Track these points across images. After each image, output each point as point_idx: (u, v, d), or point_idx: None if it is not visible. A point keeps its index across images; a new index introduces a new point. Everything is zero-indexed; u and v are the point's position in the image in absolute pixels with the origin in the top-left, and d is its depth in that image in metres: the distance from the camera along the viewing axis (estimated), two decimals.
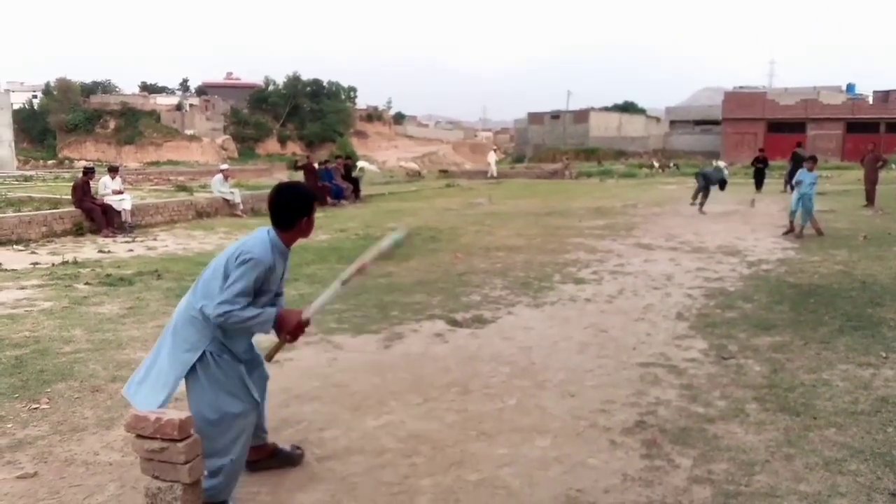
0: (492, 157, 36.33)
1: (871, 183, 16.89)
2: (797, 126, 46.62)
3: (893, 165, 34.06)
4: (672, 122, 58.96)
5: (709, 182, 16.39)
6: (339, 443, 3.76)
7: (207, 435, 2.82)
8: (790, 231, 11.82)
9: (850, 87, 57.49)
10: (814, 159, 12.77)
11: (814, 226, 11.75)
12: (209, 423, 2.88)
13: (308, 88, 73.39)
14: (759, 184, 21.52)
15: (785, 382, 4.57)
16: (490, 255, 9.93)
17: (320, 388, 4.59)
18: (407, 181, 30.92)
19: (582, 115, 59.39)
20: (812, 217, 11.79)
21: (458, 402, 4.34)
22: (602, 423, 3.97)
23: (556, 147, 53.53)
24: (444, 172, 37.95)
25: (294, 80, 72.60)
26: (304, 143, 69.25)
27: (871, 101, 48.85)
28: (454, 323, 6.23)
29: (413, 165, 43.72)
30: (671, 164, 39.82)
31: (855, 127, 44.66)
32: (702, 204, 16.24)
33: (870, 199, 16.71)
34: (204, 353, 2.91)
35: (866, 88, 54.73)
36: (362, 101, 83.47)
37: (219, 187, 16.62)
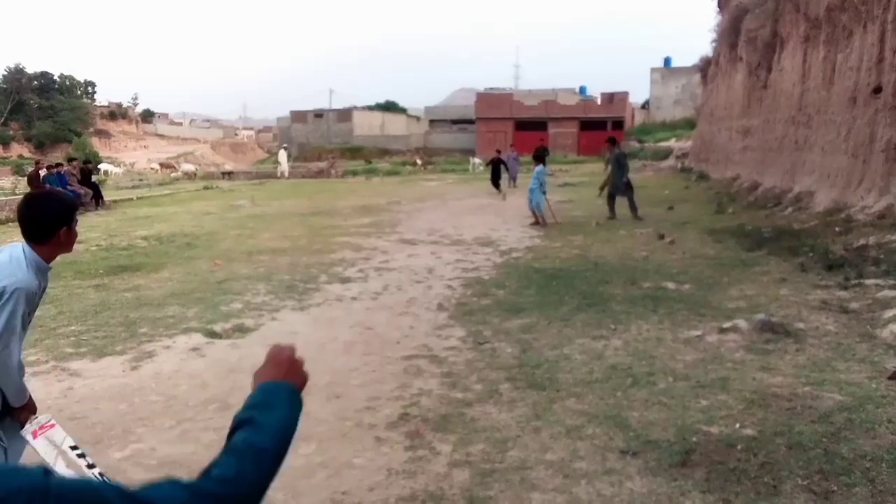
0: (283, 156, 34.69)
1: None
2: (540, 124, 51.38)
3: None
4: (431, 122, 61.67)
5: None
6: None
7: None
8: (536, 222, 12.97)
9: (583, 89, 64.82)
10: (538, 157, 14.09)
11: (535, 216, 13.00)
12: None
13: (35, 82, 65.04)
14: (495, 181, 20.58)
15: (532, 361, 4.97)
16: (252, 260, 9.56)
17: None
18: (158, 184, 28.69)
19: (345, 115, 59.78)
20: (536, 209, 13.03)
21: (216, 419, 4.09)
22: (367, 421, 4.01)
23: (320, 146, 53.34)
24: (229, 174, 35.40)
25: (16, 73, 63.83)
26: (33, 145, 61.29)
27: (599, 102, 55.39)
28: (212, 334, 5.89)
29: (189, 167, 40.64)
30: (432, 162, 41.67)
31: (588, 125, 50.32)
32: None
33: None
34: None
35: (595, 90, 61.83)
36: (103, 98, 75.98)
37: None
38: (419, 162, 41.11)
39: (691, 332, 5.52)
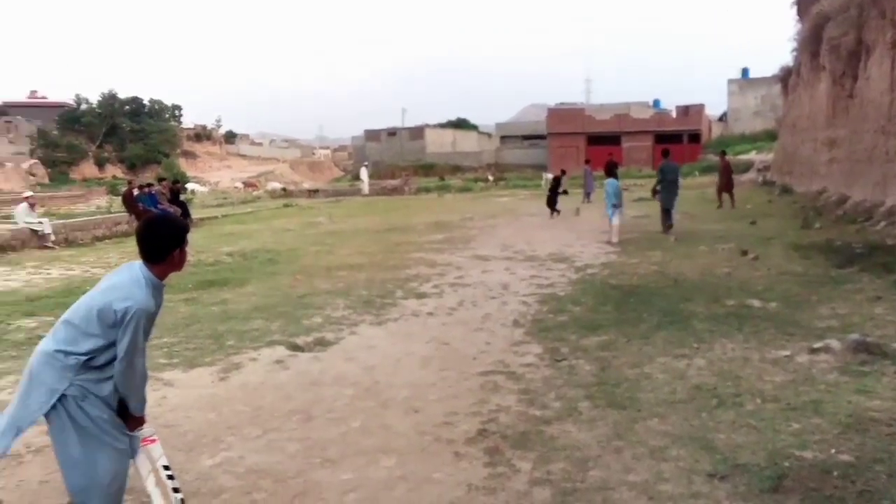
0: (364, 174, 35.43)
1: (726, 187, 18.72)
2: (613, 139, 50.64)
3: (696, 173, 37.98)
4: (503, 138, 61.75)
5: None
6: None
7: (79, 487, 2.69)
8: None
9: (657, 103, 63.62)
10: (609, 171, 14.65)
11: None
12: (80, 474, 2.69)
13: (127, 107, 68.77)
14: (552, 201, 18.82)
15: (612, 379, 4.88)
16: (331, 275, 9.79)
17: None
18: (242, 202, 29.75)
19: (418, 132, 60.56)
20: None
21: (300, 430, 4.20)
22: (446, 436, 4.01)
23: (394, 163, 54.11)
24: (314, 192, 36.37)
25: (110, 99, 67.69)
26: (125, 166, 64.70)
27: (674, 115, 54.16)
28: (295, 348, 6.04)
29: (276, 185, 42.14)
30: (504, 178, 41.66)
31: (662, 138, 49.19)
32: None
33: (729, 199, 18.50)
34: (63, 396, 2.66)
35: (670, 104, 60.60)
36: (189, 121, 79.57)
37: (24, 217, 15.04)
38: (491, 178, 41.16)
39: (780, 351, 5.30)
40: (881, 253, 9.01)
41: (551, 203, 18.60)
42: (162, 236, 2.82)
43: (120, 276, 2.81)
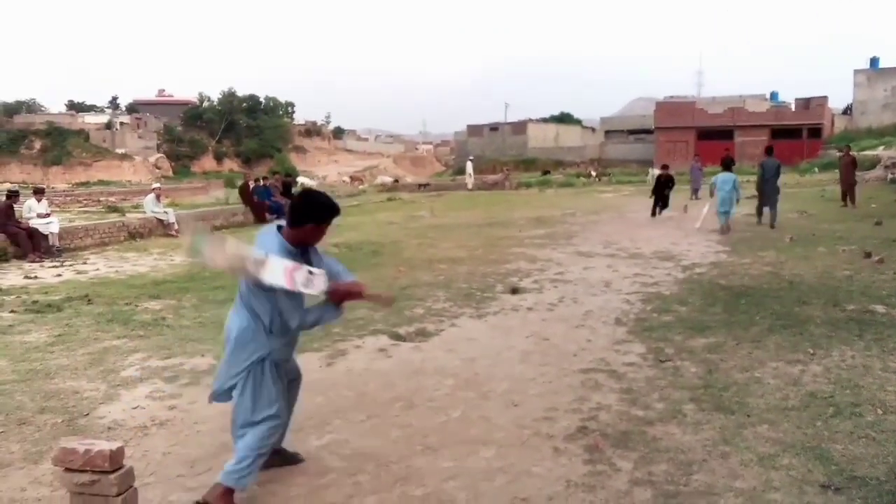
0: (469, 168, 35.43)
1: (847, 184, 17.71)
2: (725, 133, 48.46)
3: (816, 170, 35.74)
4: (607, 132, 60.41)
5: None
6: (284, 466, 3.68)
7: (245, 428, 3.20)
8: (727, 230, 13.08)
9: (774, 95, 60.23)
10: (726, 166, 14.42)
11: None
12: (248, 423, 3.19)
13: (244, 104, 72.41)
14: (660, 202, 17.85)
15: (719, 382, 4.71)
16: (433, 268, 9.94)
17: None
18: (348, 195, 30.68)
19: (520, 127, 60.34)
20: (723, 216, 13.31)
21: (402, 417, 4.32)
22: (545, 431, 4.01)
23: (495, 158, 54.17)
24: (425, 186, 36.83)
25: (229, 96, 71.49)
26: (241, 160, 68.14)
27: (793, 108, 51.17)
28: (397, 337, 6.20)
29: (387, 178, 43.33)
30: (607, 173, 40.78)
31: (779, 133, 46.61)
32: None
33: (848, 198, 17.49)
34: (261, 359, 3.18)
35: (788, 96, 57.31)
36: (300, 117, 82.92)
37: (152, 207, 16.18)
38: (594, 173, 40.40)
39: None
40: None
41: (658, 201, 17.47)
42: (304, 205, 3.15)
43: (261, 234, 3.27)
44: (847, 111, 54.44)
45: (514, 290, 8.13)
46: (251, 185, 19.66)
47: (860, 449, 3.58)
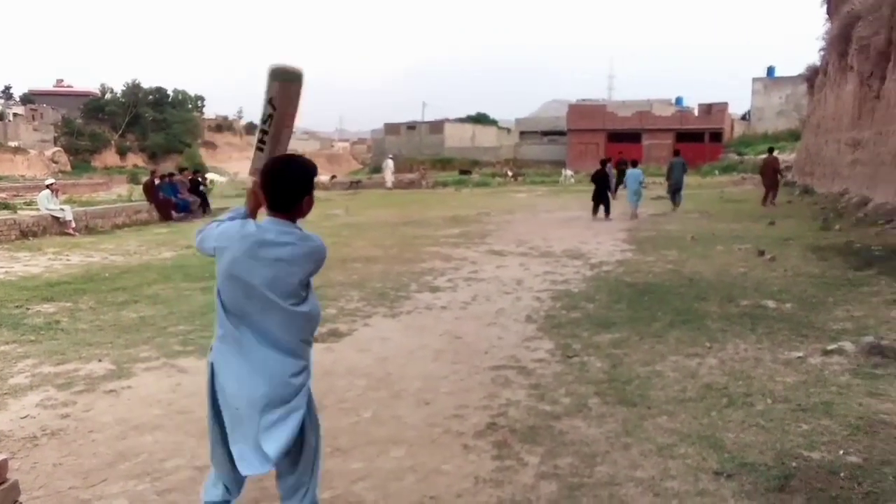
0: (389, 165, 34.80)
1: (769, 185, 19.27)
2: (634, 136, 50.41)
3: (717, 172, 37.67)
4: (522, 133, 61.58)
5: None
6: (184, 473, 3.56)
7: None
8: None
9: (679, 100, 63.15)
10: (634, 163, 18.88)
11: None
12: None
13: (150, 97, 69.48)
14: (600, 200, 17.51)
15: (623, 376, 4.89)
16: (346, 267, 9.84)
17: (162, 416, 4.33)
18: None
19: (437, 126, 60.68)
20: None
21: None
22: (456, 429, 4.05)
23: (412, 157, 54.23)
24: (357, 183, 35.82)
25: (134, 88, 68.41)
26: (146, 155, 65.42)
27: (696, 113, 53.72)
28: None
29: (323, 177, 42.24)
30: (522, 174, 41.56)
31: (684, 136, 48.83)
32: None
33: (769, 197, 18.94)
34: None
35: (692, 101, 60.13)
36: (211, 111, 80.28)
37: (46, 204, 15.27)
38: (509, 173, 41.08)
39: (792, 353, 5.28)
40: None
41: (600, 201, 17.02)
42: (292, 180, 2.47)
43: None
44: (745, 117, 57.65)
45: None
46: (157, 181, 18.89)
47: (750, 437, 3.80)
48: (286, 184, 2.47)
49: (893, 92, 14.64)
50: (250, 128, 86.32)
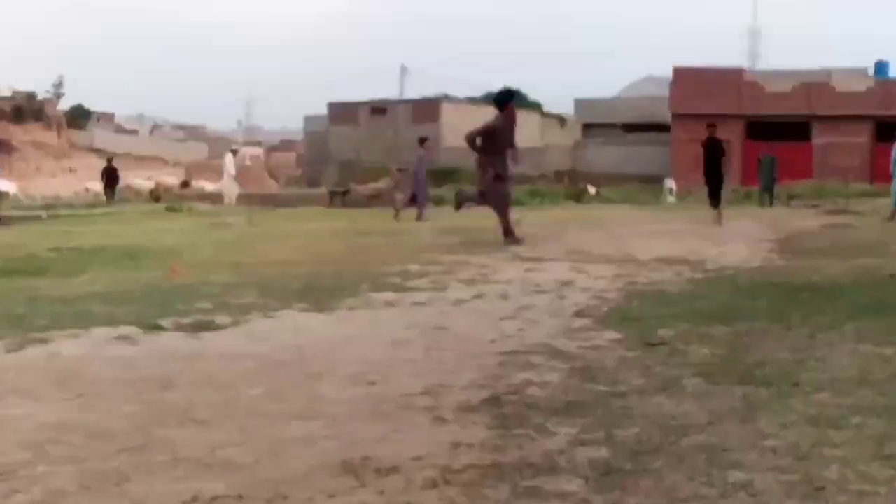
0: (228, 161, 34.84)
1: None
2: (797, 129, 50.03)
3: None
4: (586, 126, 61.47)
5: None
6: None
7: None
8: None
9: (882, 67, 61.98)
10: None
11: None
12: None
13: None
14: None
15: (748, 360, 5.57)
16: (240, 270, 10.68)
17: None
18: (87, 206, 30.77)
19: (427, 108, 60.96)
20: None
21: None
22: (422, 405, 4.56)
23: (382, 163, 53.19)
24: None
25: None
26: None
27: None
28: (156, 328, 6.79)
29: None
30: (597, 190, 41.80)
31: (889, 129, 48.20)
32: None
33: None
34: None
35: None
36: (3, 83, 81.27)
37: None
38: (592, 190, 40.94)
39: None
40: None
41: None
42: None
43: None
44: None
45: None
46: None
47: None
48: None
49: None
50: (78, 115, 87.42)
